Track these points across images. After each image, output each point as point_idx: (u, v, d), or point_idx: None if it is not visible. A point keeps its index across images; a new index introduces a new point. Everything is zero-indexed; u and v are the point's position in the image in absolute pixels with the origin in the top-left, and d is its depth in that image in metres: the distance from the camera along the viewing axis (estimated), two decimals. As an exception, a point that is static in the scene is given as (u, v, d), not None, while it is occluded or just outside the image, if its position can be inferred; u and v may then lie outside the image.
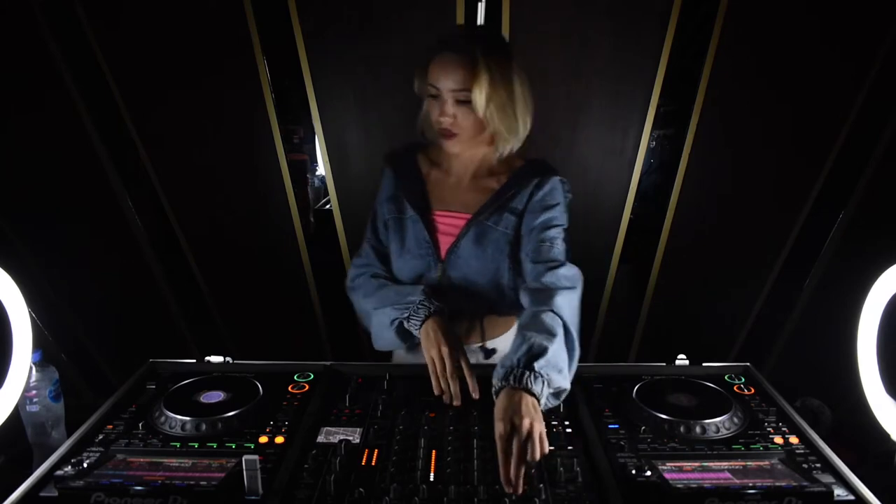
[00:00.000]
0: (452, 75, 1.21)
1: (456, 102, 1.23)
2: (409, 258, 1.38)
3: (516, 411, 0.95)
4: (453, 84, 1.22)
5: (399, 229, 1.38)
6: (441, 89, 1.23)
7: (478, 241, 1.33)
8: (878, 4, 1.66)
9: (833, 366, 1.31)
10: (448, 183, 1.40)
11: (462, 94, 1.22)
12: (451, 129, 1.26)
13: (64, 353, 2.16)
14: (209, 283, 2.19)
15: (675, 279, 2.14)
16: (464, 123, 1.25)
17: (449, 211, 1.37)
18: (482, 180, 1.39)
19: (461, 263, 1.35)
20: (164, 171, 1.98)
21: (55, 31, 1.74)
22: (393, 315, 1.28)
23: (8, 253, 1.96)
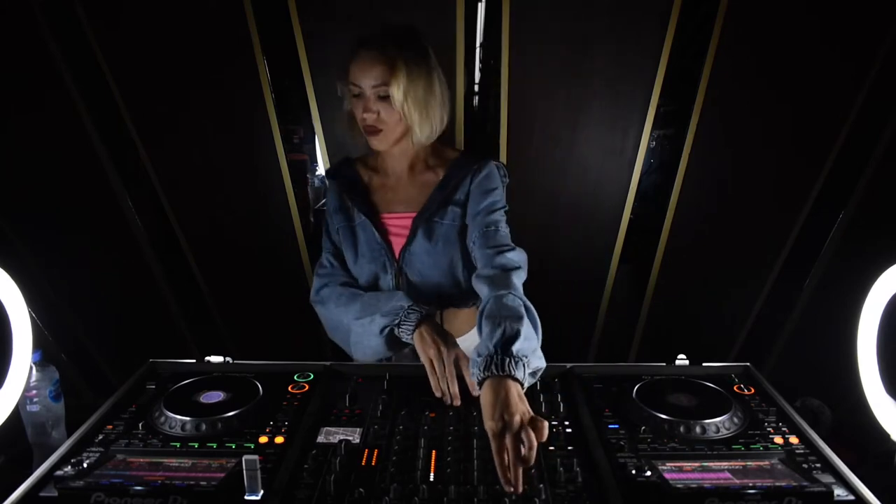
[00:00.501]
0: (372, 71, 1.24)
1: (377, 98, 1.26)
2: (364, 263, 1.40)
3: (505, 406, 0.94)
4: (374, 80, 1.25)
5: (351, 237, 1.41)
6: (363, 87, 1.26)
7: (428, 238, 1.36)
8: (878, 4, 1.66)
9: (833, 366, 1.31)
10: (389, 184, 1.43)
11: (382, 90, 1.25)
12: (376, 126, 1.29)
13: (64, 353, 2.16)
14: (209, 283, 2.19)
15: (675, 279, 2.14)
16: (387, 119, 1.28)
17: (396, 212, 1.40)
18: (420, 175, 1.42)
19: (415, 261, 1.37)
20: (164, 171, 1.98)
21: (55, 31, 1.74)
22: (382, 323, 1.29)
23: (8, 253, 1.96)
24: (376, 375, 1.24)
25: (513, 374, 1.00)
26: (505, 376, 0.99)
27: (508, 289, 1.15)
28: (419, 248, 1.36)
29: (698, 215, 2.02)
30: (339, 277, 1.44)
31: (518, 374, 1.00)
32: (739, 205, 2.00)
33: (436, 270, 1.38)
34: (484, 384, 1.00)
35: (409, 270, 1.38)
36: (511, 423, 0.91)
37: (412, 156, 1.40)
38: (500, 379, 0.99)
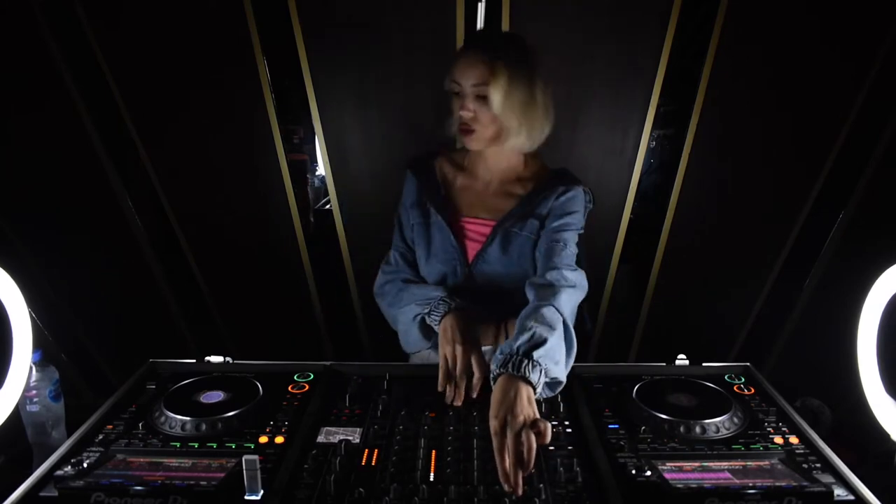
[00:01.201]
0: (472, 70, 1.25)
1: (475, 98, 1.26)
2: (435, 263, 1.39)
3: (510, 407, 0.95)
4: (473, 79, 1.25)
5: (425, 235, 1.40)
6: (462, 85, 1.27)
7: (504, 247, 1.35)
8: (878, 4, 1.66)
9: (833, 366, 1.31)
10: (475, 188, 1.42)
11: (482, 90, 1.25)
12: (470, 125, 1.29)
13: (64, 353, 2.16)
14: (209, 283, 2.19)
15: (675, 279, 2.14)
16: (482, 119, 1.28)
17: (476, 217, 1.39)
18: (509, 186, 1.41)
19: (488, 269, 1.36)
20: (164, 171, 1.98)
21: (55, 31, 1.74)
22: (415, 311, 1.30)
23: (8, 253, 1.96)
24: (376, 375, 1.24)
25: (527, 376, 1.00)
26: (519, 377, 1.00)
27: (551, 301, 1.15)
28: (493, 256, 1.35)
29: (698, 215, 2.02)
30: (403, 274, 1.43)
31: (533, 377, 1.00)
32: (739, 205, 2.00)
33: (507, 279, 1.36)
34: (497, 380, 1.01)
35: (479, 277, 1.37)
36: (514, 422, 0.91)
37: (504, 164, 1.39)
38: (514, 379, 1.00)
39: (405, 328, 1.36)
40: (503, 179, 1.41)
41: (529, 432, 0.89)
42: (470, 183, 1.43)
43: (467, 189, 1.42)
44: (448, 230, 1.37)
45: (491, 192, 1.41)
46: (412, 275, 1.43)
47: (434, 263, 1.39)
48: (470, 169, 1.43)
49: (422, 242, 1.40)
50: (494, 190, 1.41)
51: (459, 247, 1.37)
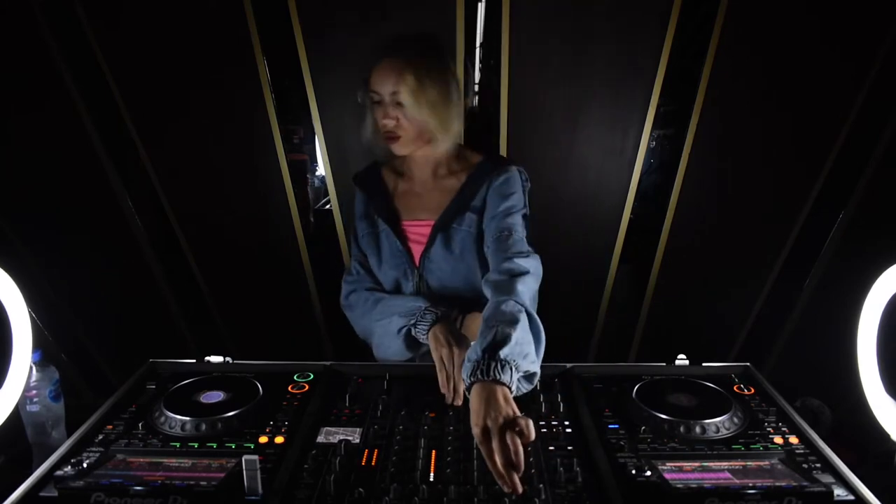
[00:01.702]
0: (389, 78, 1.27)
1: (395, 105, 1.29)
2: (386, 269, 1.42)
3: (488, 410, 0.93)
4: (391, 87, 1.27)
5: (375, 244, 1.43)
6: (382, 93, 1.29)
7: (446, 245, 1.37)
8: (878, 4, 1.66)
9: (833, 366, 1.31)
10: (414, 191, 1.45)
11: (398, 96, 1.28)
12: (395, 132, 1.31)
13: (64, 353, 2.16)
14: (209, 283, 2.19)
15: (675, 279, 2.14)
16: (404, 124, 1.30)
17: (417, 219, 1.42)
18: (443, 181, 1.42)
19: (434, 268, 1.39)
20: (164, 171, 1.98)
21: (55, 31, 1.74)
22: (400, 323, 1.30)
23: (8, 253, 1.96)
24: (376, 375, 1.25)
25: (499, 378, 0.98)
26: (491, 381, 0.98)
27: (510, 295, 1.13)
28: (437, 256, 1.37)
29: (698, 215, 2.02)
30: (366, 283, 1.45)
31: (504, 377, 0.98)
32: (739, 205, 2.00)
33: (455, 277, 1.38)
34: (472, 389, 0.99)
35: (429, 277, 1.40)
36: (494, 426, 0.90)
37: (435, 161, 1.42)
38: (486, 384, 0.97)
39: (385, 340, 1.35)
40: (437, 176, 1.43)
41: (512, 434, 0.87)
42: (410, 187, 1.45)
43: (408, 193, 1.45)
44: (394, 236, 1.39)
45: (428, 190, 1.43)
46: (374, 282, 1.46)
47: (386, 270, 1.42)
48: (407, 173, 1.46)
49: (373, 251, 1.43)
50: (431, 188, 1.43)
51: (406, 251, 1.40)
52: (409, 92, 1.26)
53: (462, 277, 1.39)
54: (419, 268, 1.39)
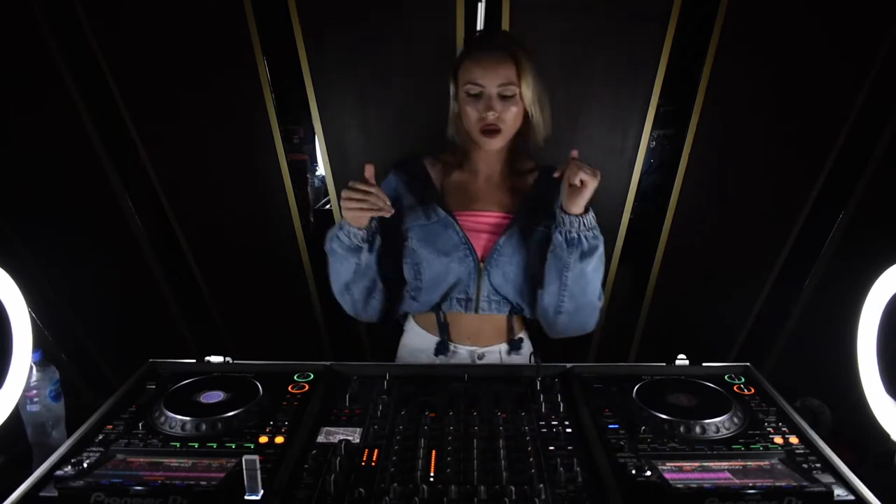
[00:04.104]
0: (498, 72, 1.27)
1: (500, 98, 1.29)
2: (445, 261, 1.37)
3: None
4: (500, 80, 1.28)
5: (430, 238, 1.38)
6: (486, 86, 1.28)
7: (523, 238, 1.36)
8: (878, 4, 1.66)
9: (833, 366, 1.31)
10: (477, 183, 1.43)
11: (508, 89, 1.28)
12: (497, 125, 1.30)
13: (64, 353, 2.16)
14: (209, 283, 2.19)
15: (675, 279, 2.14)
16: (507, 118, 1.30)
17: (482, 210, 1.40)
18: (512, 179, 1.43)
19: (503, 261, 1.37)
20: (164, 171, 1.98)
21: (55, 31, 1.74)
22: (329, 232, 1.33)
23: (8, 253, 1.96)
24: (376, 375, 1.24)
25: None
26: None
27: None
28: (510, 249, 1.36)
29: (698, 215, 2.02)
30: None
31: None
32: (739, 205, 2.00)
33: (520, 273, 1.38)
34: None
35: (492, 270, 1.38)
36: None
37: (505, 158, 1.42)
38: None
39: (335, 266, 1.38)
40: (504, 172, 1.43)
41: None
42: (467, 179, 1.43)
43: (466, 185, 1.43)
44: (456, 226, 1.36)
45: (495, 185, 1.42)
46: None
47: (444, 261, 1.37)
48: (467, 166, 1.44)
49: (425, 245, 1.38)
50: (498, 183, 1.42)
51: (468, 241, 1.37)
52: (526, 84, 1.28)
53: (525, 275, 1.38)
54: (485, 260, 1.37)
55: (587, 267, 1.30)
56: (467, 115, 1.32)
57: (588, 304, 1.36)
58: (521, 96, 1.29)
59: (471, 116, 1.31)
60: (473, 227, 1.38)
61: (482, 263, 1.38)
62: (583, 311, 1.37)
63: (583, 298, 1.34)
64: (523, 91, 1.29)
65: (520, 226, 1.36)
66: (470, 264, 1.38)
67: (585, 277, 1.31)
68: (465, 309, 1.42)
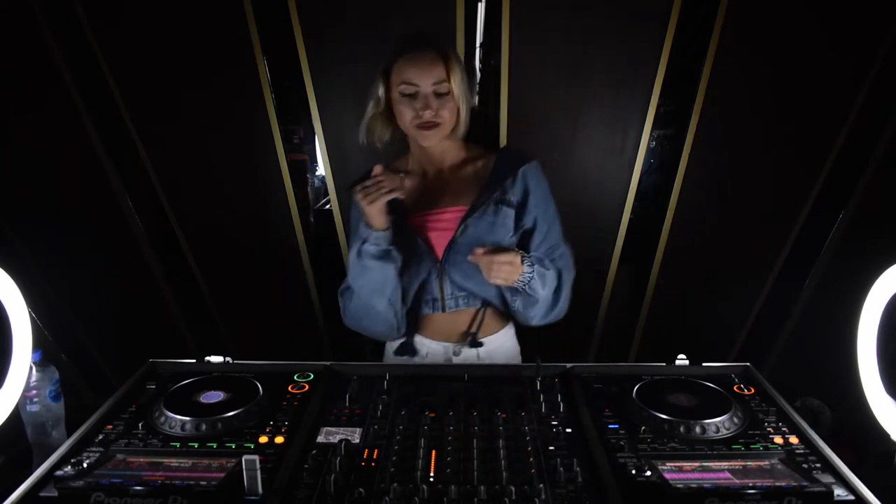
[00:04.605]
0: (432, 70, 1.32)
1: (436, 95, 1.33)
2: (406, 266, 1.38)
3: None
4: (434, 77, 1.32)
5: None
6: (420, 85, 1.33)
7: (476, 233, 1.37)
8: (878, 4, 1.66)
9: (833, 366, 1.31)
10: (426, 184, 1.46)
11: (443, 87, 1.33)
12: (434, 121, 1.34)
13: (64, 353, 2.16)
14: (209, 283, 2.19)
15: (675, 279, 2.14)
16: (443, 114, 1.34)
17: (437, 208, 1.42)
18: (459, 170, 1.45)
19: (460, 259, 1.37)
20: (164, 171, 1.98)
21: (55, 31, 1.74)
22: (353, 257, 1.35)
23: (8, 253, 1.96)
24: (376, 375, 1.24)
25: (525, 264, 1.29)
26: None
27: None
28: (465, 244, 1.36)
29: (698, 215, 2.02)
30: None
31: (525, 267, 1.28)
32: (739, 205, 2.00)
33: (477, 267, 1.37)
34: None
35: (450, 268, 1.39)
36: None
37: (447, 152, 1.45)
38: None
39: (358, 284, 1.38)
40: (451, 167, 1.46)
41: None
42: (418, 181, 1.46)
43: (415, 187, 1.45)
44: (411, 229, 1.39)
45: (445, 181, 1.45)
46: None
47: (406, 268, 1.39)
48: (413, 169, 1.48)
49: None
50: (448, 178, 1.45)
51: (425, 242, 1.40)
52: (458, 81, 1.34)
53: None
54: (442, 259, 1.39)
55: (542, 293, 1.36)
56: (402, 114, 1.37)
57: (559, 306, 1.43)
58: (452, 93, 1.34)
59: (406, 115, 1.36)
60: (432, 227, 1.41)
61: (439, 262, 1.39)
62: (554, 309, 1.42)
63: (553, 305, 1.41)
64: (455, 87, 1.34)
65: (474, 220, 1.37)
66: (429, 265, 1.40)
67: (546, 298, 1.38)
68: (434, 309, 1.44)
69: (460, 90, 1.35)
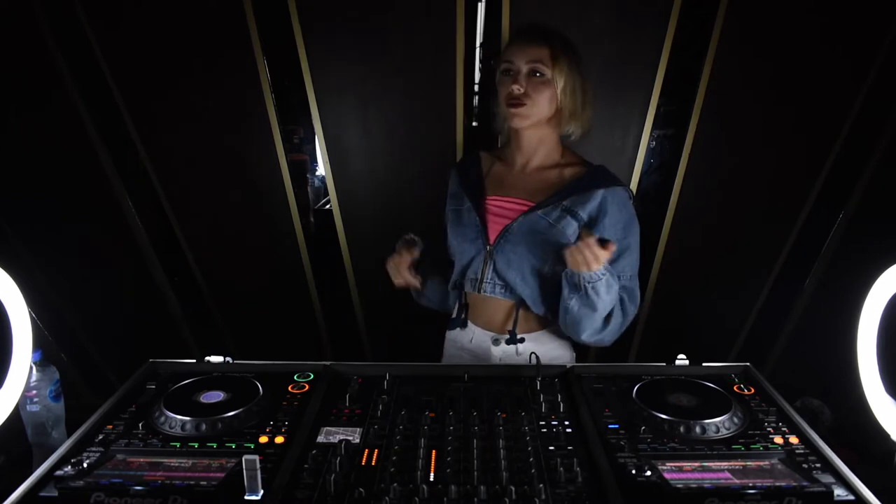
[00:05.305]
0: (528, 50, 1.34)
1: (528, 75, 1.34)
2: (462, 242, 1.45)
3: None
4: (529, 57, 1.33)
5: (457, 219, 1.47)
6: (514, 62, 1.34)
7: (531, 230, 1.38)
8: (878, 4, 1.66)
9: (833, 366, 1.31)
10: (511, 173, 1.48)
11: (537, 68, 1.33)
12: (521, 99, 1.34)
13: (64, 353, 2.16)
14: (209, 283, 2.19)
15: (675, 279, 2.14)
16: (535, 97, 1.34)
17: (506, 196, 1.44)
18: (544, 171, 1.46)
19: (508, 248, 1.40)
20: (164, 171, 1.98)
21: (55, 31, 1.74)
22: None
23: (8, 253, 1.96)
24: (376, 375, 1.24)
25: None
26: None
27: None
28: (517, 236, 1.39)
29: (698, 215, 2.02)
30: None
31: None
32: (739, 205, 2.00)
33: (524, 262, 1.40)
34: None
35: (498, 255, 1.41)
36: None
37: (542, 149, 1.45)
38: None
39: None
40: (538, 165, 1.46)
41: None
42: (505, 169, 1.49)
43: (501, 174, 1.49)
44: (474, 211, 1.43)
45: (526, 175, 1.46)
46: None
47: (462, 244, 1.45)
48: (508, 158, 1.50)
49: (456, 229, 1.47)
50: (530, 173, 1.46)
51: (482, 225, 1.42)
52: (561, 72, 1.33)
53: (530, 266, 1.39)
54: (493, 244, 1.41)
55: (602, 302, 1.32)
56: (500, 92, 1.38)
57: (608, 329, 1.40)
58: (553, 81, 1.33)
59: (501, 93, 1.38)
60: (497, 212, 1.43)
61: (490, 246, 1.41)
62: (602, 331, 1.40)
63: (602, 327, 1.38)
64: (555, 76, 1.33)
65: (531, 217, 1.38)
66: (479, 245, 1.43)
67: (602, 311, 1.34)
68: (473, 288, 1.47)
69: (564, 83, 1.34)
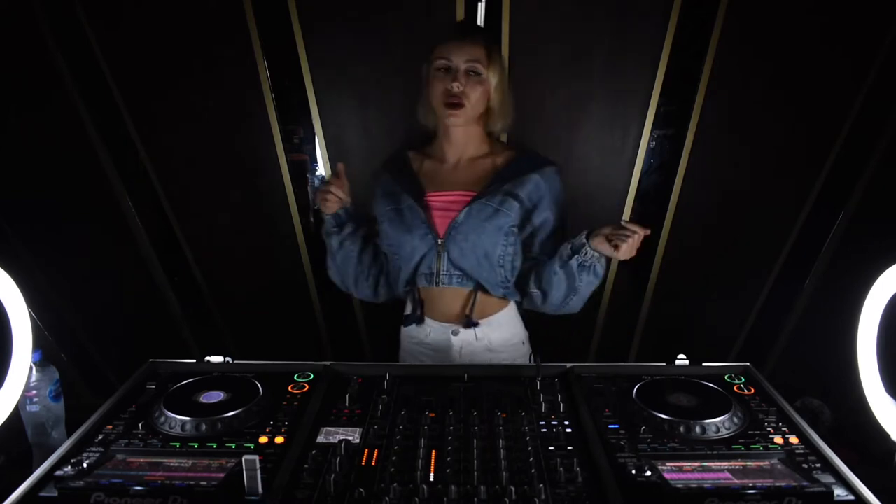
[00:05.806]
0: (467, 49, 1.39)
1: (466, 74, 1.38)
2: (408, 240, 1.47)
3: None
4: (467, 56, 1.38)
5: (400, 219, 1.49)
6: (453, 60, 1.38)
7: (478, 218, 1.42)
8: (878, 4, 1.66)
9: (833, 366, 1.31)
10: (443, 168, 1.52)
11: (475, 67, 1.38)
12: (460, 98, 1.39)
13: (64, 353, 2.16)
14: (209, 283, 2.19)
15: (675, 279, 2.14)
16: (472, 95, 1.39)
17: (445, 190, 1.48)
18: (477, 162, 1.51)
19: (460, 238, 1.44)
20: (164, 171, 1.98)
21: (55, 31, 1.74)
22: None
23: (8, 253, 1.96)
24: (376, 375, 1.24)
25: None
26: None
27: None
28: (467, 226, 1.43)
29: (698, 215, 2.02)
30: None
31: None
32: (739, 204, 2.00)
33: (476, 250, 1.44)
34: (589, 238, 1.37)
35: (451, 246, 1.44)
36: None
37: (473, 143, 1.51)
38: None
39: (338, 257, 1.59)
40: (470, 156, 1.51)
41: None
42: (438, 165, 1.53)
43: (435, 170, 1.53)
44: (418, 208, 1.45)
45: (461, 168, 1.51)
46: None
47: (408, 241, 1.47)
48: (438, 153, 1.54)
49: (397, 228, 1.48)
50: (464, 165, 1.51)
51: (429, 221, 1.45)
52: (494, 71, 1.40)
53: (483, 253, 1.44)
54: (444, 237, 1.44)
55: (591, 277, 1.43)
56: (435, 89, 1.41)
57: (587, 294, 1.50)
58: (488, 80, 1.39)
59: (437, 90, 1.40)
60: (439, 207, 1.47)
61: (440, 239, 1.45)
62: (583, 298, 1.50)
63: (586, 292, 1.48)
64: (489, 75, 1.39)
65: (477, 206, 1.43)
66: (430, 241, 1.45)
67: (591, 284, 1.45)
68: (428, 283, 1.50)
69: (496, 81, 1.41)
